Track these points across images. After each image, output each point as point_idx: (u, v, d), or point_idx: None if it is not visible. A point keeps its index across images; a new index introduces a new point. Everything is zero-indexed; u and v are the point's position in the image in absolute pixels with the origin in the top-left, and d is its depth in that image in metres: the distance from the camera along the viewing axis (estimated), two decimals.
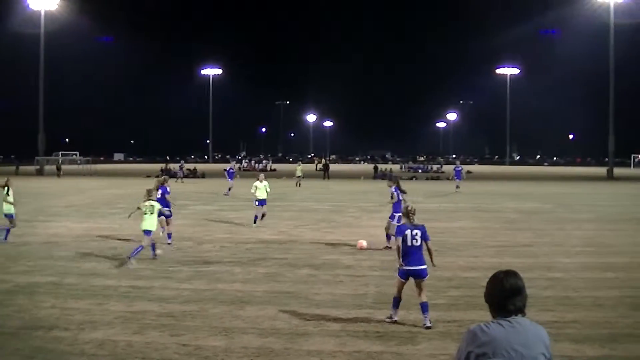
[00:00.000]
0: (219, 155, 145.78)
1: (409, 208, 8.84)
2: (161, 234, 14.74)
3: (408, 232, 8.44)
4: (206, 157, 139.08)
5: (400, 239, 8.45)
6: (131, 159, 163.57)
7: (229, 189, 33.42)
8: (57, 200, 28.76)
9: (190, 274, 11.99)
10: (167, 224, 15.32)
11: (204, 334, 8.06)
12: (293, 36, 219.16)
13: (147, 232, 12.83)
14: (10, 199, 15.96)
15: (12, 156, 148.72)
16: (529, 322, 3.33)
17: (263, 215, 19.38)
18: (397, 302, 8.57)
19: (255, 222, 19.10)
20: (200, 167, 70.29)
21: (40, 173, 67.03)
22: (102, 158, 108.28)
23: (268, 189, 19.59)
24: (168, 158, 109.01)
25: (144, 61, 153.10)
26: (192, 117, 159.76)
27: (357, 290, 10.62)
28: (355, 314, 9.10)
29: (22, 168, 67.33)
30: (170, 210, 15.55)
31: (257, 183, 19.41)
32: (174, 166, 61.30)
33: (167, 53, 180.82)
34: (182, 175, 48.15)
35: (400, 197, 14.76)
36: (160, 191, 15.07)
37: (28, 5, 69.24)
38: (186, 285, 10.93)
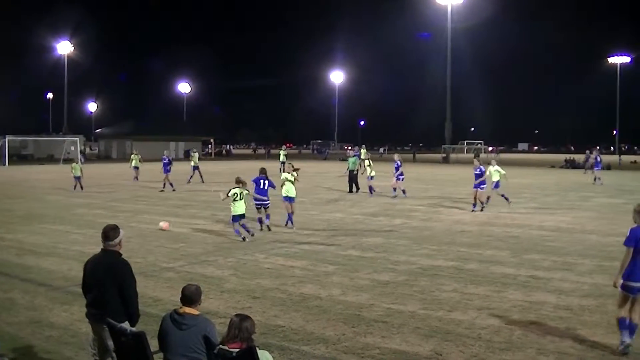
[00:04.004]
0: (626, 147, 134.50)
1: None
2: None
3: None
4: (612, 148, 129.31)
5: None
6: (535, 148, 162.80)
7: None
8: (461, 188, 30.33)
9: (591, 267, 11.80)
10: None
11: (602, 330, 7.95)
12: None
13: None
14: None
15: (420, 144, 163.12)
16: None
17: None
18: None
19: None
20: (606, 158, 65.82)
21: (446, 161, 71.71)
22: (493, 148, 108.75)
23: None
24: (572, 148, 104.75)
25: (551, 53, 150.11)
26: (599, 106, 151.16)
27: None
28: None
29: (429, 156, 72.36)
30: None
31: None
32: (578, 157, 58.88)
33: (574, 42, 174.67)
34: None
35: None
36: None
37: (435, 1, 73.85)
38: (586, 279, 10.83)
